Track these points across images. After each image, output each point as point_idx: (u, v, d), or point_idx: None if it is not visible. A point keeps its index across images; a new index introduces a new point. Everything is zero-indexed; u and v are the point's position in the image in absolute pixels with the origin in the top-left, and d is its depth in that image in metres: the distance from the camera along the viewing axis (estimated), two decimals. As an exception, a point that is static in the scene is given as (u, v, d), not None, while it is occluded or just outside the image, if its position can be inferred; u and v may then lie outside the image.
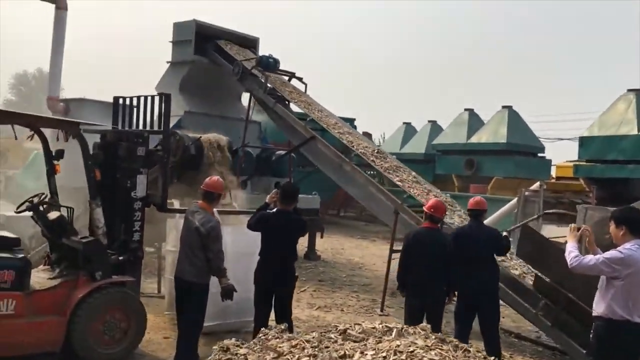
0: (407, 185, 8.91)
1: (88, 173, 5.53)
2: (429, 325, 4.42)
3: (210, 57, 12.97)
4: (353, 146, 9.80)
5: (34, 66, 55.04)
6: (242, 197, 8.21)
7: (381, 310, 8.74)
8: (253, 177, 11.74)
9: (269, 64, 11.70)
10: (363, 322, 4.40)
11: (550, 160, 18.74)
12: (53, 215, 5.70)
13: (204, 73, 13.21)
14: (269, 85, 11.44)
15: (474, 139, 18.93)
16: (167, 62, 13.51)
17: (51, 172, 5.90)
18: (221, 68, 12.82)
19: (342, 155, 9.84)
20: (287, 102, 11.43)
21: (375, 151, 10.06)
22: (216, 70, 13.13)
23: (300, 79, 12.20)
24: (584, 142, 14.59)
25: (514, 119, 18.32)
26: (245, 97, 14.78)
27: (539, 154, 18.73)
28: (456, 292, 5.95)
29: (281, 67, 12.09)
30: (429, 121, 23.16)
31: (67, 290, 5.42)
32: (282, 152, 12.65)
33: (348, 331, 4.08)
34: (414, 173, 9.68)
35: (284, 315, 5.64)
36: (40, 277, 5.57)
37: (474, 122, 20.17)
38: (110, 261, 5.65)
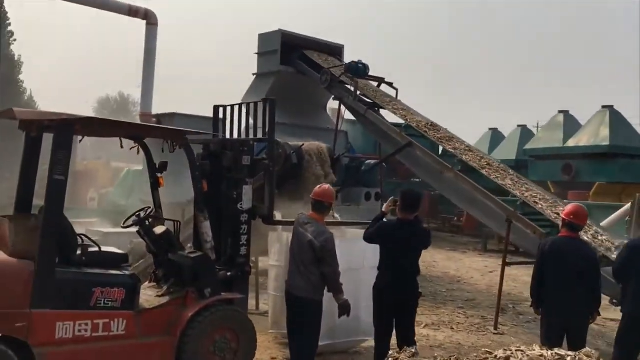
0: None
1: (196, 185, 5.23)
2: (594, 352, 3.78)
3: (297, 66, 12.70)
4: (457, 152, 9.19)
5: (115, 90, 57.49)
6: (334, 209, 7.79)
7: (495, 329, 8.05)
8: (343, 188, 11.30)
9: (359, 70, 11.27)
10: (518, 348, 3.80)
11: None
12: (159, 229, 5.45)
13: (290, 83, 12.95)
14: (358, 91, 11.01)
15: (572, 143, 17.74)
16: (253, 74, 13.37)
17: (155, 185, 5.69)
18: (307, 77, 12.52)
19: (443, 161, 9.26)
20: (377, 109, 10.97)
21: (482, 158, 9.40)
22: (302, 80, 12.84)
23: (390, 84, 11.71)
24: None
25: (617, 119, 17.00)
26: (330, 107, 14.52)
27: (643, 156, 17.30)
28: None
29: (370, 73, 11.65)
30: (519, 125, 22.05)
31: (176, 308, 5.13)
32: (372, 162, 12.18)
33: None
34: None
35: (408, 336, 5.12)
36: (147, 295, 5.32)
37: (570, 124, 18.94)
38: (219, 277, 5.34)
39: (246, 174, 5.63)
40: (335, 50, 13.54)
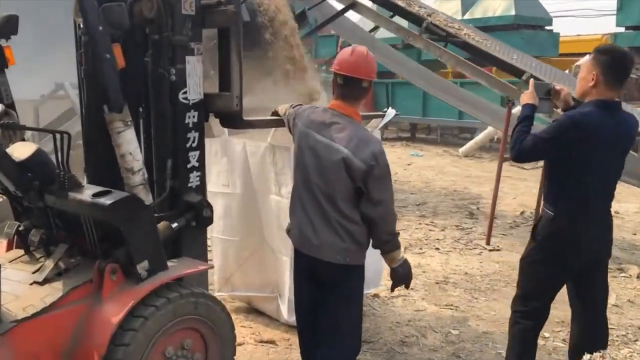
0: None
1: (100, 58, 2.48)
2: None
3: None
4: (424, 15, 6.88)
5: None
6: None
7: (487, 243, 6.31)
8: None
9: None
10: None
11: (558, 34, 16.34)
12: (23, 149, 2.66)
13: None
14: None
15: (470, 15, 16.15)
16: None
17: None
18: None
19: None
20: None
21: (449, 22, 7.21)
22: None
23: None
24: (623, 5, 12.27)
25: (519, -13, 15.56)
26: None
27: (547, 27, 16.25)
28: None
29: None
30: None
31: (81, 307, 2.57)
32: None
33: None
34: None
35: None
36: (16, 283, 2.66)
37: (467, -5, 17.31)
38: (161, 235, 2.78)
39: (189, 33, 2.91)
40: None
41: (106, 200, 2.52)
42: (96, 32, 2.45)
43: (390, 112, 4.19)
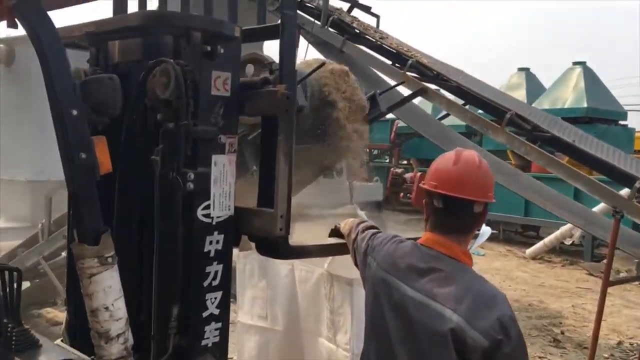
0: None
1: (65, 161, 1.58)
2: None
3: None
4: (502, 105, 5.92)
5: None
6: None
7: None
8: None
9: (327, -16, 7.65)
10: None
11: (633, 130, 15.14)
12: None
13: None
14: (331, 15, 7.44)
15: (537, 105, 15.18)
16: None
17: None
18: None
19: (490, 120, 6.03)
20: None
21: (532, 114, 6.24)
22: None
23: (367, 9, 8.18)
24: None
25: (591, 79, 14.58)
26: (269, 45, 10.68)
27: (621, 122, 15.08)
28: None
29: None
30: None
31: None
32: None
33: None
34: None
35: None
36: None
37: (533, 84, 16.40)
38: None
39: (219, 122, 2.01)
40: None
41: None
42: (67, 117, 1.55)
43: (486, 231, 3.16)
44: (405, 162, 21.51)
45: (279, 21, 2.12)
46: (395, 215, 15.10)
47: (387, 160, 21.41)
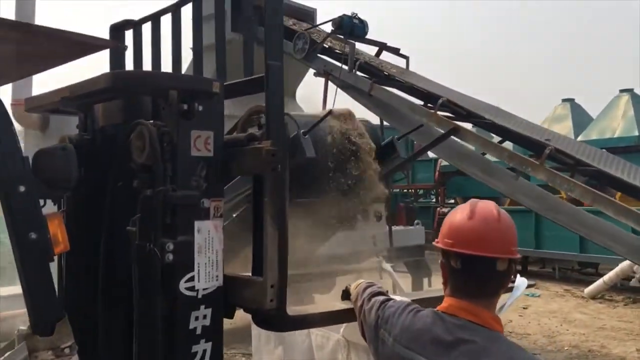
0: None
1: (14, 243, 1.43)
2: None
3: (254, 33, 8.86)
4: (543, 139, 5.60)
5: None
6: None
7: None
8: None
9: (354, 28, 7.56)
10: None
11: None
12: None
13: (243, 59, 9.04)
14: (359, 59, 7.33)
15: (585, 137, 14.60)
16: (191, 48, 9.44)
17: None
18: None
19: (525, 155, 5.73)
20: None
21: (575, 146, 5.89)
22: (261, 55, 8.98)
23: (397, 52, 8.05)
24: None
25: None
26: (300, 94, 10.68)
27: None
28: None
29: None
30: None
31: None
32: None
33: None
34: None
35: None
36: None
37: (578, 114, 15.84)
38: None
39: (202, 185, 1.85)
40: (307, 15, 9.79)
41: None
42: (13, 194, 1.41)
43: (521, 283, 2.86)
44: (452, 200, 21.05)
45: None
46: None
47: (434, 200, 20.97)
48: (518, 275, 2.96)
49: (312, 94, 9.44)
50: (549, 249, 13.27)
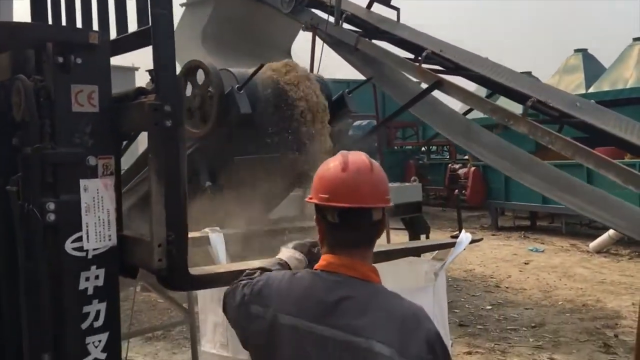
0: None
1: None
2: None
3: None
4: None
5: None
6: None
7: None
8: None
9: (341, -20, 7.33)
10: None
11: None
12: None
13: (236, 16, 8.85)
14: (344, 12, 7.12)
15: (597, 88, 14.14)
16: (181, 4, 9.27)
17: None
18: (260, 5, 8.47)
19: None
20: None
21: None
22: (254, 11, 8.77)
23: (387, 2, 7.77)
24: None
25: (654, 55, 13.44)
26: (295, 51, 10.47)
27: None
28: None
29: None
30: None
31: None
32: (365, 122, 8.41)
33: None
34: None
35: None
36: None
37: (591, 66, 15.35)
38: None
39: (87, 142, 1.77)
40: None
41: None
42: None
43: (465, 238, 2.79)
44: (466, 157, 20.81)
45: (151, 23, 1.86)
46: (454, 213, 14.58)
47: (448, 157, 20.80)
48: (463, 231, 2.89)
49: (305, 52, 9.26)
50: (556, 204, 13.06)
